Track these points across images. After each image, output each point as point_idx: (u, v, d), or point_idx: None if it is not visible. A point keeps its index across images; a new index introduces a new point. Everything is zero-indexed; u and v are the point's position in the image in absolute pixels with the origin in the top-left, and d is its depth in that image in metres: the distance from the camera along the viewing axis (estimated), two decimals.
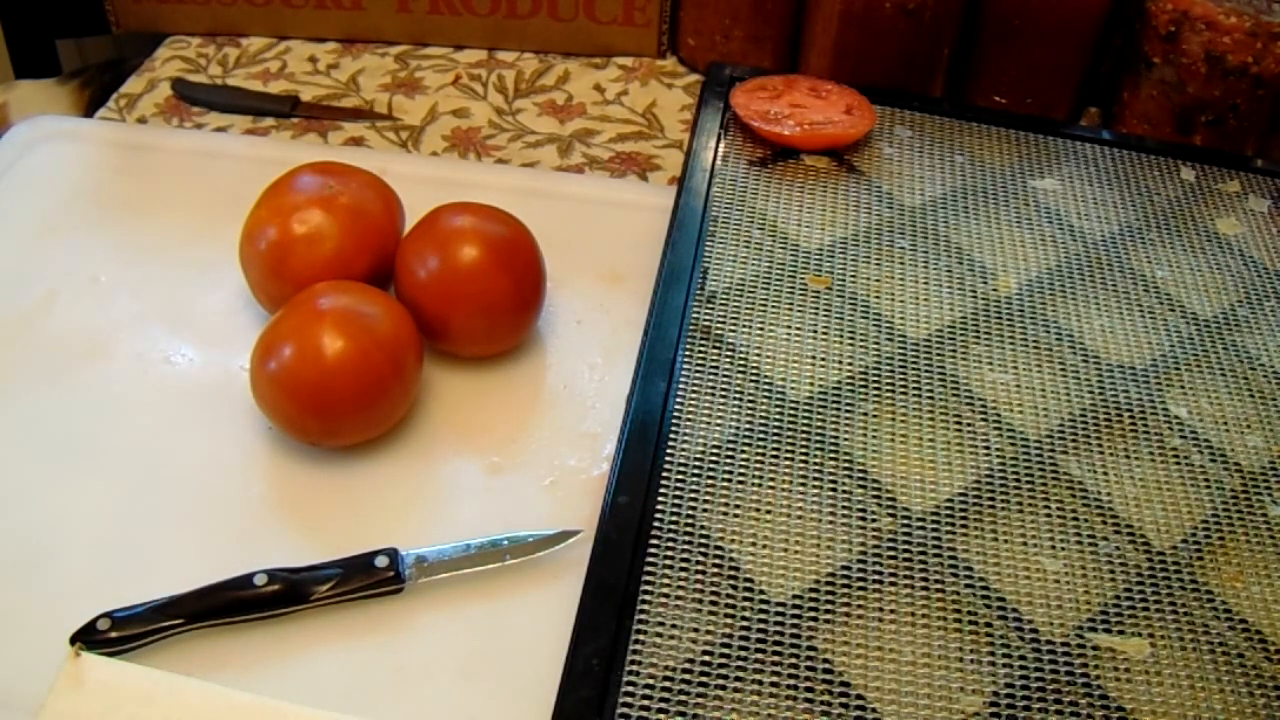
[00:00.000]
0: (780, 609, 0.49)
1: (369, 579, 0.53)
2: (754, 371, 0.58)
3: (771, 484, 0.53)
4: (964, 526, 0.53)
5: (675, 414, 0.55)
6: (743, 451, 0.54)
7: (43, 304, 0.67)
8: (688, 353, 0.58)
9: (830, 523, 0.52)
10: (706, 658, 0.47)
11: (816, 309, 0.62)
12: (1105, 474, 0.56)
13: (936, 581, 0.50)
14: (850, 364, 0.59)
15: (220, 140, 0.81)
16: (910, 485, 0.54)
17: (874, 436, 0.56)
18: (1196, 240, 0.69)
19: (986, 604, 0.50)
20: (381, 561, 0.53)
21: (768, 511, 0.52)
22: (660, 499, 0.52)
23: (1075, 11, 0.78)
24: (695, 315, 0.60)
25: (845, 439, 0.55)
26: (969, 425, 0.57)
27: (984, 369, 0.60)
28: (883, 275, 0.64)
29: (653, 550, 0.50)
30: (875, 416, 0.57)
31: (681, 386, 0.57)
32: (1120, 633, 0.49)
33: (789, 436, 0.55)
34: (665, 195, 0.72)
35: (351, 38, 0.92)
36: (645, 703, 0.45)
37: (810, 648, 0.47)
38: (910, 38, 0.79)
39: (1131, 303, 0.65)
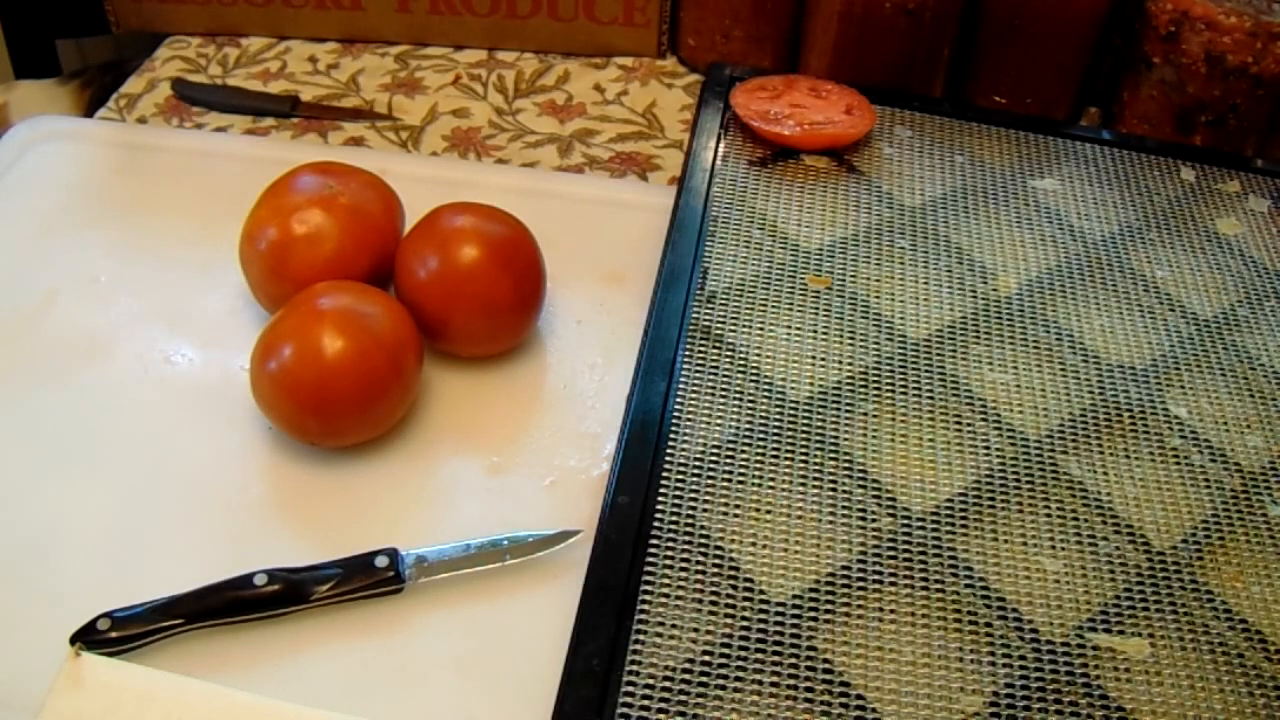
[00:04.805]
0: (780, 609, 0.49)
1: (369, 579, 0.53)
2: (754, 371, 0.58)
3: (771, 484, 0.53)
4: (964, 526, 0.53)
5: (675, 414, 0.55)
6: (743, 451, 0.54)
7: (43, 304, 0.67)
8: (688, 353, 0.58)
9: (830, 523, 0.52)
10: (706, 658, 0.47)
11: (816, 309, 0.62)
12: (1105, 474, 0.56)
13: (936, 581, 0.50)
14: (850, 364, 0.59)
15: (220, 140, 0.81)
16: (910, 485, 0.54)
17: (874, 436, 0.56)
18: (1196, 240, 0.69)
19: (986, 604, 0.50)
20: (381, 561, 0.53)
21: (768, 511, 0.52)
22: (660, 499, 0.52)
23: (1075, 11, 0.78)
24: (695, 315, 0.60)
25: (845, 439, 0.55)
26: (969, 425, 0.57)
27: (984, 369, 0.60)
28: (883, 275, 0.64)
29: (653, 550, 0.50)
30: (875, 416, 0.57)
31: (681, 386, 0.57)
32: (1120, 633, 0.49)
33: (789, 436, 0.55)
34: (665, 195, 0.72)
35: (351, 38, 0.92)
36: (645, 703, 0.45)
37: (810, 648, 0.47)
38: (910, 38, 0.79)
39: (1131, 303, 0.65)
